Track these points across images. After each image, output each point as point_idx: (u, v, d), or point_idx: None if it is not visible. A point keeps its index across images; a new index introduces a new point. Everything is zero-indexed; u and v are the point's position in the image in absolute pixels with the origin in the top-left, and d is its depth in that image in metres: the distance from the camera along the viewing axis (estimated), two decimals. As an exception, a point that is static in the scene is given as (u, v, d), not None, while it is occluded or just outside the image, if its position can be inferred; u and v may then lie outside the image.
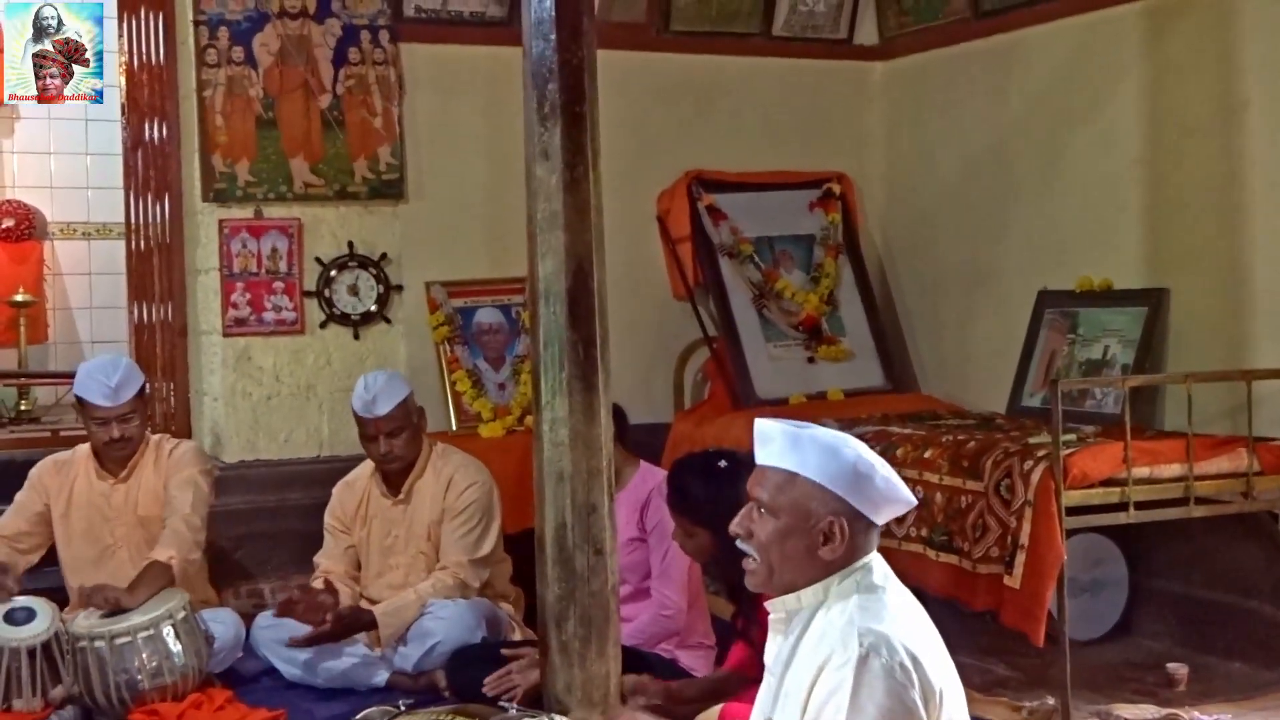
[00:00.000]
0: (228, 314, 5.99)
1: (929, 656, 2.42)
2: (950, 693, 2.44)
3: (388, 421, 4.91)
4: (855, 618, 2.41)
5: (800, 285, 6.64)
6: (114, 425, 4.92)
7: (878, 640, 2.37)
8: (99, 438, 4.96)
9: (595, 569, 3.65)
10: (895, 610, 2.46)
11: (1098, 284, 5.59)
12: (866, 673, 2.34)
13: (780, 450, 2.52)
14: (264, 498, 5.87)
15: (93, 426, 4.96)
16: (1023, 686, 4.67)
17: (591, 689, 3.61)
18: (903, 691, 2.34)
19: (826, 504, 2.48)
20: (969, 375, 6.33)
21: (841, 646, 2.39)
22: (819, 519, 2.48)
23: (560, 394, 3.66)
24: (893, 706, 2.33)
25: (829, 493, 2.48)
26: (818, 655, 2.42)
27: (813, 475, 2.49)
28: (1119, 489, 4.49)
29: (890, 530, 4.96)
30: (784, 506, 2.50)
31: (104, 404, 4.91)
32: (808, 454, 2.50)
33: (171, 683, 4.53)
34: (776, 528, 2.50)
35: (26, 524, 5.02)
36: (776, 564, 2.51)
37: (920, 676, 2.37)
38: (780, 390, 6.35)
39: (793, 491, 2.50)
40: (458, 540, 4.91)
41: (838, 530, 2.48)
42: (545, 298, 3.68)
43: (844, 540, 2.48)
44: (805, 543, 2.49)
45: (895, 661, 2.35)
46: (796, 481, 2.50)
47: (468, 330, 6.31)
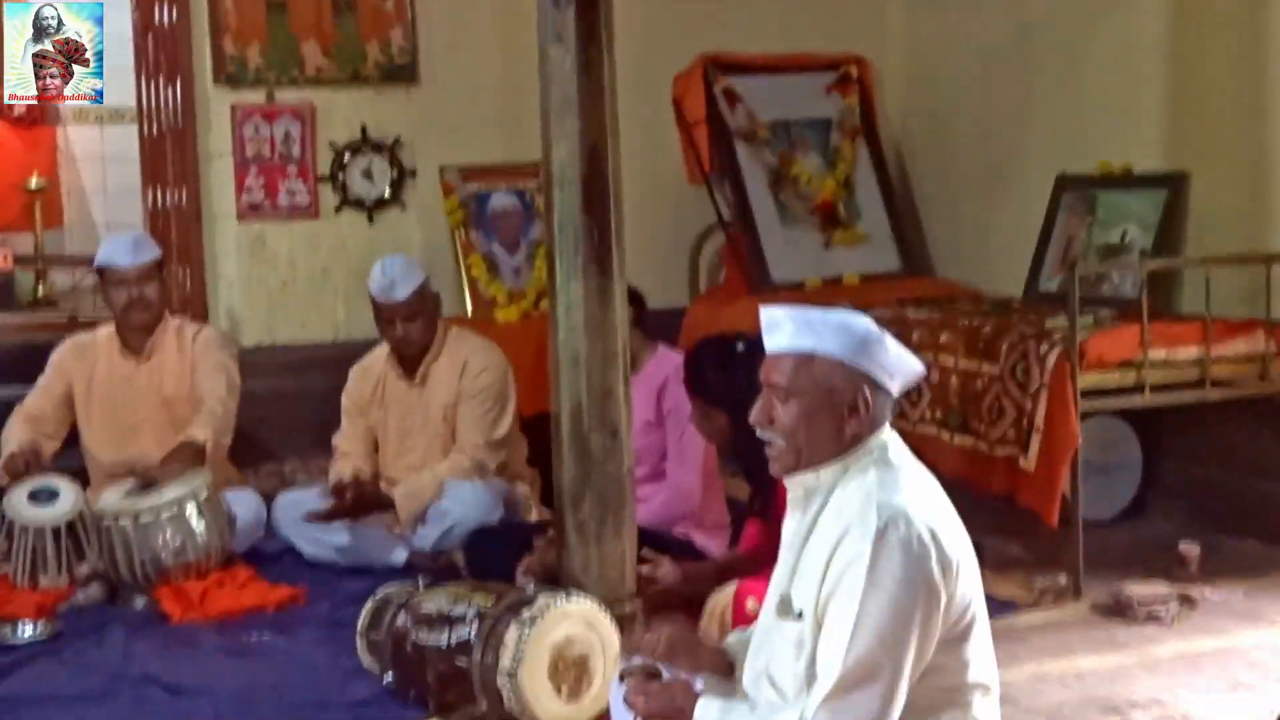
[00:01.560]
0: (242, 199, 5.99)
1: (946, 530, 2.44)
2: (966, 566, 2.46)
3: (405, 306, 4.92)
4: (873, 492, 2.43)
5: (816, 169, 6.60)
6: (133, 286, 4.97)
7: (896, 513, 2.39)
8: (119, 302, 5.00)
9: (611, 451, 3.67)
10: (912, 485, 2.48)
11: (1117, 168, 5.54)
12: (884, 545, 2.36)
13: (792, 333, 2.52)
14: (282, 381, 5.90)
15: (113, 293, 5.01)
16: (1035, 565, 4.71)
17: (607, 568, 3.65)
18: (920, 563, 2.36)
19: (848, 377, 2.49)
20: (986, 259, 6.30)
21: (860, 520, 2.41)
22: (843, 393, 2.49)
23: (575, 278, 3.65)
24: (911, 578, 2.35)
25: (848, 366, 2.49)
26: (836, 529, 2.45)
27: (830, 351, 2.49)
28: (1135, 372, 4.50)
29: (905, 413, 4.99)
30: (806, 387, 2.50)
31: (124, 263, 4.97)
32: (821, 332, 2.51)
33: (195, 560, 4.60)
34: (801, 409, 2.50)
35: (51, 405, 5.07)
36: (804, 445, 2.51)
37: (938, 549, 2.39)
38: (796, 274, 6.33)
39: (813, 371, 2.50)
40: (474, 423, 4.95)
41: (862, 401, 2.49)
42: (560, 182, 3.66)
43: (869, 411, 2.50)
44: (832, 419, 2.50)
45: (913, 534, 2.38)
46: (815, 360, 2.50)
47: (482, 215, 6.29)
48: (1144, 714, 3.48)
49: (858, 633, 2.34)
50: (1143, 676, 3.73)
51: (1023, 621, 4.23)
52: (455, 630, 3.49)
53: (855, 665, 2.33)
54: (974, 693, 2.50)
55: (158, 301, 5.08)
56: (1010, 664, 3.78)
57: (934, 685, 2.44)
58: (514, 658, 3.33)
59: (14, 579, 4.60)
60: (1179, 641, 4.01)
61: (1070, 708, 3.53)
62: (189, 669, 3.98)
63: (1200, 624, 4.15)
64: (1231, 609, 4.27)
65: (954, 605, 2.42)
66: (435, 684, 3.54)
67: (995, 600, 4.27)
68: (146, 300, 5.01)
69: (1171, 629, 4.12)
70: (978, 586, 2.51)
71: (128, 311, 5.01)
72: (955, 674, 2.47)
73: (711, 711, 2.49)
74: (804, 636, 2.46)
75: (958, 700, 2.48)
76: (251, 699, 3.72)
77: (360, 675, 3.84)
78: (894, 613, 2.34)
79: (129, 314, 5.02)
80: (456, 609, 3.55)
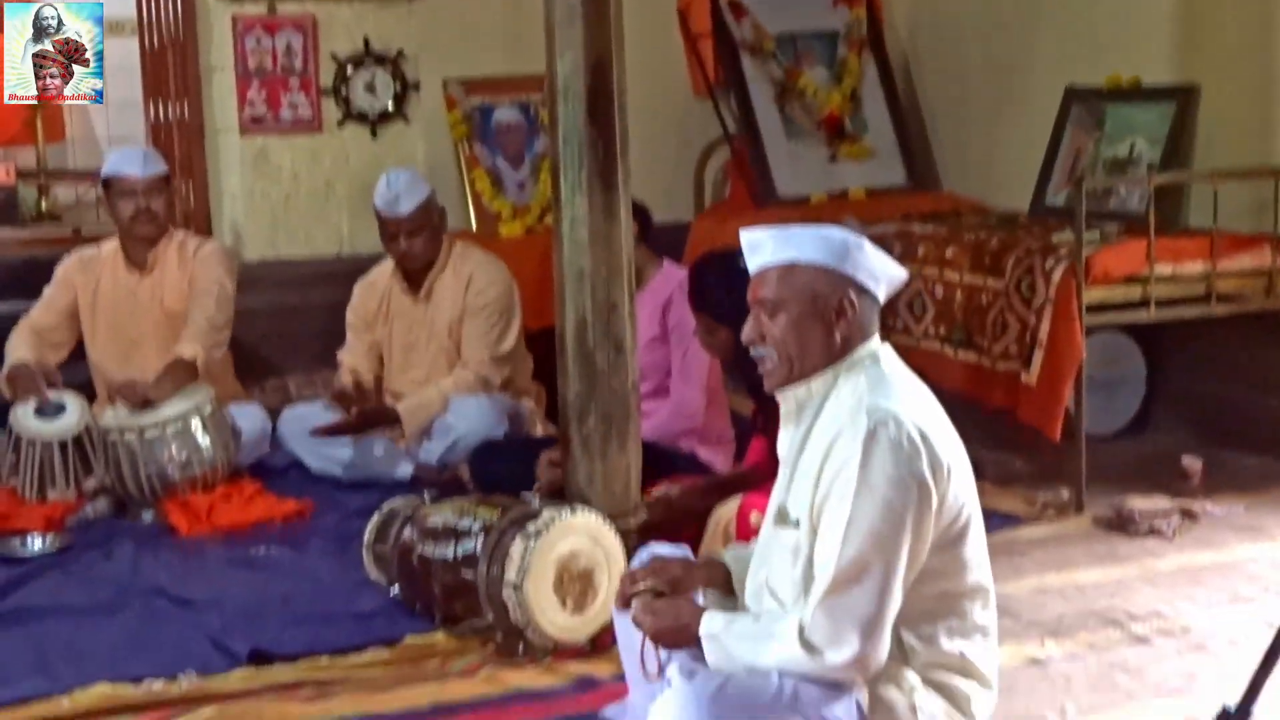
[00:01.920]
0: (244, 112, 5.95)
1: (937, 433, 2.46)
2: (958, 469, 2.48)
3: (410, 221, 4.91)
4: (864, 396, 2.46)
5: (822, 82, 6.55)
6: (140, 197, 4.96)
7: (886, 415, 2.41)
8: (125, 213, 4.98)
9: (615, 366, 3.68)
10: (903, 389, 2.51)
11: (1126, 81, 5.49)
12: (875, 445, 2.38)
13: (773, 249, 2.56)
14: (286, 296, 5.90)
15: (119, 204, 4.99)
16: (1038, 479, 4.74)
17: (612, 481, 3.67)
18: (911, 463, 2.39)
19: (831, 282, 2.51)
20: (993, 174, 6.27)
21: (851, 423, 2.43)
22: (828, 297, 2.51)
23: (580, 192, 3.64)
24: (902, 476, 2.38)
25: (831, 271, 2.51)
26: (828, 436, 2.47)
27: (812, 258, 2.52)
28: (1140, 287, 4.48)
29: (909, 328, 4.99)
30: (792, 296, 2.52)
31: (132, 173, 4.96)
32: (801, 242, 2.54)
33: (201, 474, 4.64)
34: (789, 319, 2.53)
35: (55, 317, 5.07)
36: (796, 355, 2.54)
37: (929, 450, 2.41)
38: (801, 189, 6.31)
39: (797, 279, 2.52)
40: (479, 338, 4.95)
41: (848, 304, 2.51)
42: (564, 95, 3.63)
43: (856, 313, 2.51)
44: (820, 325, 2.52)
45: (903, 434, 2.40)
46: (797, 269, 2.53)
47: (486, 129, 6.25)
48: (1144, 626, 3.52)
49: (850, 533, 2.37)
50: (1143, 589, 3.76)
51: (1024, 535, 4.26)
52: (461, 543, 3.52)
53: (849, 564, 2.36)
54: (973, 598, 2.53)
55: (163, 215, 5.07)
56: (1011, 577, 3.82)
57: (932, 590, 2.47)
58: (519, 570, 3.36)
59: (22, 493, 4.64)
60: (1180, 555, 4.04)
61: (1070, 620, 3.56)
62: (197, 582, 4.02)
63: (1201, 538, 4.17)
64: (1233, 523, 4.29)
65: (946, 507, 2.44)
66: (441, 596, 3.58)
67: (997, 514, 4.32)
68: (152, 213, 5.00)
69: (1172, 543, 4.14)
70: (972, 492, 2.53)
71: (133, 223, 5.00)
72: (951, 579, 2.50)
73: (716, 624, 2.51)
74: (800, 543, 2.49)
75: (955, 608, 2.51)
76: (259, 611, 3.75)
77: (367, 587, 3.87)
78: (886, 512, 2.37)
79: (134, 226, 5.01)
80: (462, 522, 3.58)
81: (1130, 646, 3.41)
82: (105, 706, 3.22)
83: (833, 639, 2.36)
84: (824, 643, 2.37)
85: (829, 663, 2.37)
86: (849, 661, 2.37)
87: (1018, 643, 3.40)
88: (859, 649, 2.36)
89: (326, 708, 3.20)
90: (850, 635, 2.36)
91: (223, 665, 3.43)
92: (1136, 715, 3.03)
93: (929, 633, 2.48)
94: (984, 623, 2.55)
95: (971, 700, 2.51)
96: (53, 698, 3.25)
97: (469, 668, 3.40)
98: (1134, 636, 3.46)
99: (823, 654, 2.37)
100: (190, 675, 3.36)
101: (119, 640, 3.59)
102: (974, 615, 2.52)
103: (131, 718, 3.19)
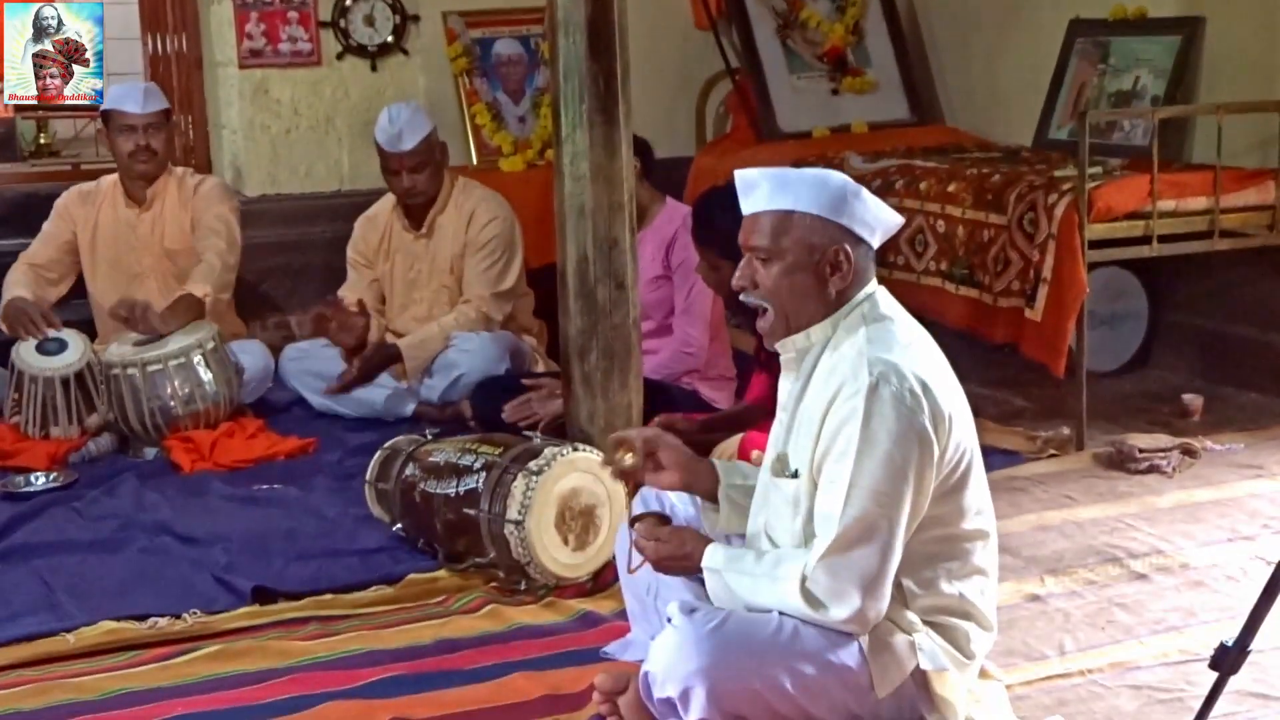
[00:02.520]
0: (243, 45, 5.90)
1: (938, 383, 2.45)
2: (959, 418, 2.48)
3: (412, 156, 4.88)
4: (865, 349, 2.44)
5: (826, 15, 6.49)
6: (140, 133, 4.95)
7: (887, 369, 2.40)
8: (124, 148, 4.97)
9: (617, 303, 3.67)
10: (904, 339, 2.49)
11: (1131, 12, 5.44)
12: (877, 400, 2.38)
13: (769, 193, 2.51)
14: (287, 231, 5.88)
15: (119, 139, 4.98)
16: (1039, 417, 4.74)
17: (614, 418, 3.67)
18: (913, 416, 2.38)
19: (827, 233, 2.49)
20: (996, 107, 6.22)
21: (852, 377, 2.42)
22: (823, 249, 2.49)
23: (581, 127, 3.61)
24: (904, 431, 2.38)
25: (828, 222, 2.49)
26: (829, 388, 2.46)
27: (809, 208, 2.49)
28: (1143, 222, 4.46)
29: (910, 264, 4.97)
30: (787, 246, 2.50)
31: (133, 110, 4.95)
32: (798, 189, 2.50)
33: (204, 409, 4.64)
34: (783, 269, 2.51)
35: (55, 252, 5.07)
36: (789, 307, 2.52)
37: (930, 402, 2.41)
38: (803, 123, 6.27)
39: (792, 229, 2.49)
40: (480, 274, 4.94)
41: (843, 257, 2.49)
42: (565, 28, 3.60)
43: (851, 266, 2.49)
44: (814, 277, 2.50)
45: (905, 388, 2.39)
46: (794, 218, 2.50)
47: (486, 62, 6.21)
48: (1143, 563, 3.53)
49: (854, 490, 2.37)
50: (1143, 526, 3.77)
51: (1025, 472, 4.26)
52: (463, 480, 3.53)
53: (852, 523, 2.37)
54: (973, 541, 2.54)
55: (163, 152, 5.05)
56: (1012, 514, 3.83)
57: (932, 535, 2.48)
58: (521, 507, 3.37)
59: (25, 429, 4.65)
60: (1179, 492, 4.04)
61: (1070, 556, 3.57)
62: (201, 518, 4.03)
63: (1201, 475, 4.17)
64: (1233, 460, 4.29)
65: (947, 456, 2.45)
66: (444, 532, 3.59)
67: (998, 451, 4.33)
68: (152, 150, 4.99)
69: (1172, 480, 4.14)
70: (972, 435, 2.53)
71: (132, 159, 4.98)
72: (953, 523, 2.51)
73: (718, 557, 2.53)
74: (800, 495, 2.49)
75: (957, 550, 2.52)
76: (263, 547, 3.76)
77: (370, 524, 3.89)
78: (889, 469, 2.37)
79: (133, 162, 4.99)
80: (464, 459, 3.59)
81: (1129, 583, 3.43)
82: (109, 643, 3.24)
83: (835, 594, 2.38)
84: (826, 597, 2.38)
85: (831, 617, 2.39)
86: (850, 616, 2.39)
87: (1017, 580, 3.41)
88: (860, 605, 2.38)
89: (330, 644, 3.21)
90: (852, 591, 2.37)
91: (226, 602, 3.45)
92: (1135, 651, 3.05)
93: (929, 576, 2.50)
94: (984, 565, 2.56)
95: (971, 639, 2.53)
96: (57, 635, 3.26)
97: (471, 604, 3.41)
98: (1133, 573, 3.48)
99: (826, 608, 2.39)
100: (194, 612, 3.38)
101: (123, 577, 3.60)
102: (974, 558, 2.54)
103: (136, 654, 3.21)
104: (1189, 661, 2.97)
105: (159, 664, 3.15)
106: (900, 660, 2.46)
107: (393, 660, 3.11)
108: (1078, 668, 2.98)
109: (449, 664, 3.09)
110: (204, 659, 3.16)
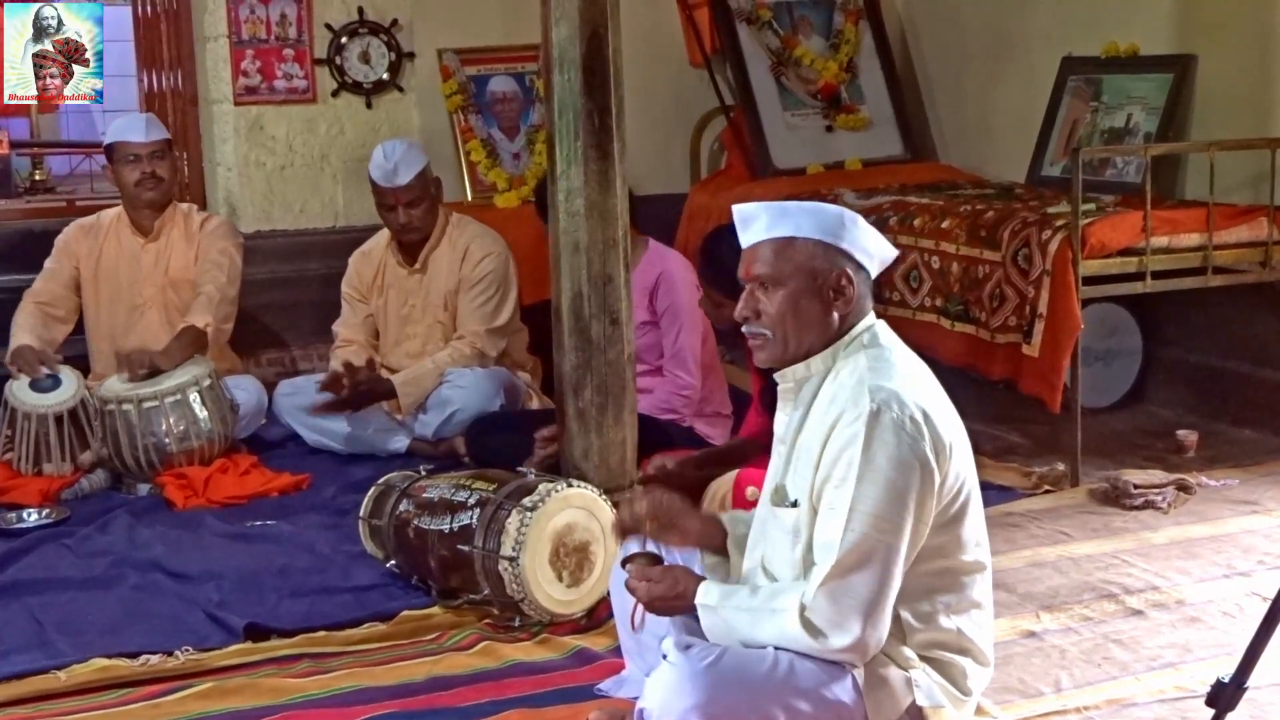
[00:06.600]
0: (238, 82, 5.93)
1: (939, 412, 2.45)
2: (959, 448, 2.48)
3: (407, 191, 4.89)
4: (865, 377, 2.44)
5: (819, 52, 6.53)
6: (145, 161, 4.99)
7: (888, 396, 2.40)
8: (130, 178, 5.00)
9: (611, 338, 3.68)
10: (903, 368, 2.50)
11: (1124, 50, 5.47)
12: (878, 427, 2.38)
13: (768, 224, 2.53)
14: (282, 267, 5.89)
15: (124, 170, 5.01)
16: (1033, 453, 4.74)
17: (608, 455, 3.67)
18: (914, 443, 2.38)
19: (829, 258, 2.50)
20: (989, 144, 6.25)
21: (853, 404, 2.42)
22: (826, 274, 2.50)
23: (575, 163, 3.62)
24: (904, 458, 2.37)
25: (829, 247, 2.50)
26: (829, 416, 2.46)
27: (809, 234, 2.50)
28: (1136, 259, 4.47)
29: (905, 300, 4.98)
30: (789, 272, 2.50)
31: (136, 139, 4.99)
32: (798, 217, 2.52)
33: (198, 447, 4.63)
34: (786, 295, 2.51)
35: (60, 288, 5.08)
36: (792, 332, 2.52)
37: (931, 430, 2.41)
38: (797, 160, 6.29)
39: (794, 255, 2.50)
40: (475, 310, 4.94)
41: (846, 281, 2.50)
42: (559, 65, 3.62)
43: (853, 290, 2.50)
44: (817, 302, 2.50)
45: (906, 415, 2.39)
46: (795, 244, 2.51)
47: (481, 99, 6.23)
48: (1139, 599, 3.52)
49: (854, 516, 2.37)
50: (1138, 562, 3.76)
51: (1020, 508, 4.25)
52: (457, 516, 3.52)
53: (852, 549, 2.36)
54: (970, 574, 2.53)
55: (169, 179, 5.10)
56: (1007, 550, 3.82)
57: (931, 567, 2.47)
58: (515, 543, 3.36)
59: (17, 466, 4.64)
60: (1175, 528, 4.04)
61: (1066, 592, 3.56)
62: (193, 554, 4.01)
63: (1196, 511, 4.17)
64: (1228, 496, 4.29)
65: (947, 486, 2.44)
66: (438, 569, 3.58)
67: (993, 487, 4.32)
68: (157, 177, 5.02)
69: (1167, 516, 4.14)
70: (971, 467, 2.53)
71: (138, 188, 5.01)
72: (952, 555, 2.50)
73: (713, 594, 2.51)
74: (800, 524, 2.48)
75: (954, 583, 2.51)
76: (256, 584, 3.75)
77: (363, 560, 3.87)
78: (889, 495, 2.36)
79: (140, 190, 5.01)
80: (458, 495, 3.58)
81: (1125, 619, 3.42)
82: (101, 681, 3.22)
83: (835, 623, 2.36)
84: (826, 626, 2.37)
85: (831, 645, 2.38)
86: (850, 645, 2.37)
87: (1012, 616, 3.40)
88: (861, 633, 2.36)
89: (323, 682, 3.19)
90: (853, 619, 2.36)
91: (219, 639, 3.43)
92: (1131, 688, 3.04)
93: (926, 610, 2.49)
94: (980, 598, 2.55)
95: (968, 675, 2.52)
96: (48, 672, 3.24)
97: (465, 641, 3.40)
98: (1129, 609, 3.47)
99: (826, 637, 2.37)
100: (187, 649, 3.36)
101: (115, 614, 3.58)
102: (971, 591, 2.53)
103: (128, 692, 3.19)
104: (1185, 698, 2.95)
105: (150, 702, 3.13)
106: (896, 697, 2.45)
107: (386, 697, 3.09)
108: (1074, 705, 2.97)
109: (442, 701, 3.08)
110: (196, 696, 3.14)
